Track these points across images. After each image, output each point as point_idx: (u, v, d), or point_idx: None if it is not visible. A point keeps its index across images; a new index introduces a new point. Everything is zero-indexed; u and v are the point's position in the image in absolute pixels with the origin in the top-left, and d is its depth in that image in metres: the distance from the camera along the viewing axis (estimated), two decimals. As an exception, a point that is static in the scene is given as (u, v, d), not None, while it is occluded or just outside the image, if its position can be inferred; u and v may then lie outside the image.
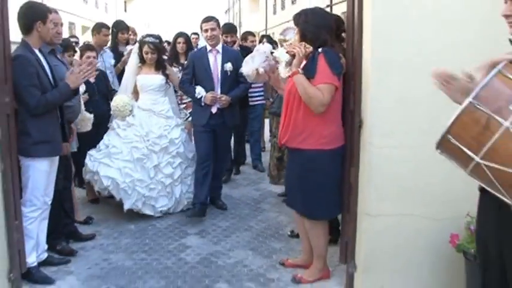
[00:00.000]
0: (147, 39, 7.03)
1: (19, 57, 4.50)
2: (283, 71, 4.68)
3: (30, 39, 4.66)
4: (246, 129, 9.23)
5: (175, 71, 7.76)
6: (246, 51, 7.84)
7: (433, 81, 2.82)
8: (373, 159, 4.30)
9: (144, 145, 6.65)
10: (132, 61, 7.23)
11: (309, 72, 4.39)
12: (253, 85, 8.13)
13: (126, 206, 6.47)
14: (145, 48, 6.95)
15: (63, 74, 4.92)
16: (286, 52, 4.63)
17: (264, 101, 9.01)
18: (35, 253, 4.85)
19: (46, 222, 5.01)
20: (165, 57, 7.48)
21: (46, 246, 5.12)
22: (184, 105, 7.94)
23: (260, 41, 9.47)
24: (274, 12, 43.27)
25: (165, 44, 13.97)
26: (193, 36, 11.53)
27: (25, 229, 4.65)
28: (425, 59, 4.00)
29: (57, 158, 4.94)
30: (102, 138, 6.77)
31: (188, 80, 6.84)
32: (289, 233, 6.03)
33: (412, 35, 4.13)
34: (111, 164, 6.50)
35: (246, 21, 52.80)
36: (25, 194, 4.71)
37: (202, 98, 6.61)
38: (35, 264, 4.85)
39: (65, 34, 15.09)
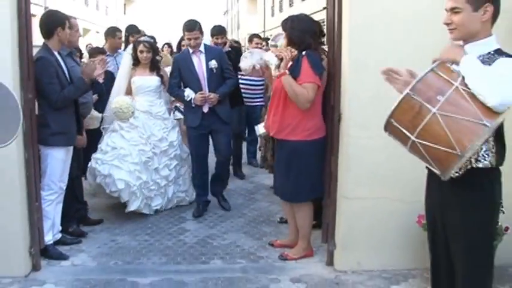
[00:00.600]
0: (142, 38, 7.14)
1: (41, 58, 5.13)
2: (273, 72, 5.28)
3: (51, 43, 5.29)
4: (243, 129, 9.50)
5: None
6: (236, 51, 8.39)
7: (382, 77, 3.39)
8: (351, 149, 4.92)
9: (149, 148, 6.75)
10: (125, 63, 7.21)
11: (294, 72, 5.01)
12: (254, 87, 8.73)
13: (132, 208, 6.53)
14: (141, 47, 6.96)
15: (78, 73, 5.52)
16: (275, 56, 5.22)
17: (263, 103, 9.29)
18: (51, 232, 5.43)
19: (61, 205, 5.59)
20: (158, 58, 7.41)
21: (60, 228, 5.70)
22: (174, 101, 7.99)
23: (249, 40, 9.78)
24: (272, 15, 43.71)
25: (166, 46, 14.45)
26: (183, 43, 11.77)
27: (43, 211, 5.24)
28: (396, 60, 4.51)
29: (71, 148, 5.54)
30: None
31: (176, 84, 6.89)
32: (278, 220, 6.63)
33: (384, 39, 4.75)
34: (122, 166, 6.52)
35: (244, 23, 53.24)
36: (43, 179, 5.31)
37: (192, 100, 6.66)
38: (51, 242, 5.44)
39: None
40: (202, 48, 6.83)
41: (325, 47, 5.43)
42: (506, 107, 2.73)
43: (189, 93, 6.68)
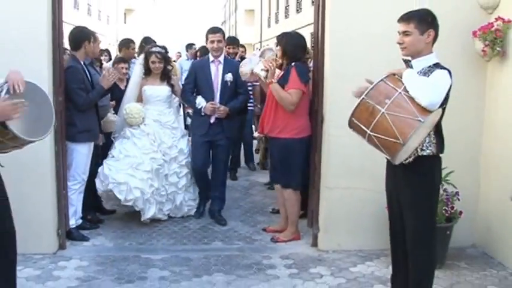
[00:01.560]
0: (154, 49, 7.10)
1: (71, 67, 6.05)
2: (262, 80, 6.19)
3: (78, 54, 6.22)
4: (242, 135, 9.85)
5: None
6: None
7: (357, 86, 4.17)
8: (331, 146, 5.81)
9: (159, 155, 6.80)
10: (136, 72, 7.27)
11: (284, 79, 5.95)
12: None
13: (148, 216, 6.69)
14: (153, 57, 6.99)
15: (98, 80, 6.42)
16: (261, 69, 6.11)
17: (253, 108, 9.62)
18: (74, 218, 6.28)
19: (82, 195, 6.44)
20: (169, 67, 7.42)
21: (81, 215, 6.56)
22: (187, 107, 8.19)
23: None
24: (269, 26, 44.40)
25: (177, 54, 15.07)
26: (177, 53, 12.14)
27: (68, 198, 6.11)
28: (370, 72, 5.42)
29: (93, 144, 6.41)
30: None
31: (190, 89, 7.04)
32: (271, 210, 7.53)
33: (360, 53, 5.64)
34: (135, 174, 6.61)
35: (241, 33, 53.97)
36: (69, 171, 6.18)
37: (203, 109, 6.79)
38: (74, 226, 6.29)
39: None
40: (222, 58, 6.98)
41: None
42: (435, 107, 3.64)
43: (200, 101, 6.81)
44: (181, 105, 9.06)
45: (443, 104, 3.86)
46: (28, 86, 3.93)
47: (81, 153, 6.21)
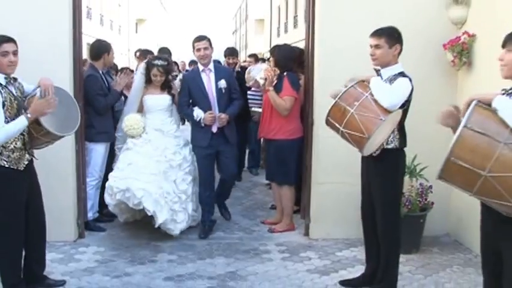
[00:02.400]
0: (156, 62, 6.98)
1: (90, 75, 6.86)
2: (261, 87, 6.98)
3: (97, 64, 7.03)
4: (246, 143, 10.54)
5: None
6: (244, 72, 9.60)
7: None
8: (320, 146, 6.53)
9: (164, 159, 6.74)
10: (137, 82, 7.21)
11: (278, 87, 6.69)
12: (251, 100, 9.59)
13: (160, 221, 6.52)
14: (155, 71, 6.91)
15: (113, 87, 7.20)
16: (260, 77, 6.95)
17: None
18: (91, 211, 7.03)
19: (99, 191, 7.18)
20: (171, 76, 7.39)
21: (97, 209, 7.30)
22: None
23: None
24: (278, 35, 44.92)
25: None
26: (181, 62, 12.45)
27: (87, 193, 6.87)
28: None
29: (109, 145, 7.18)
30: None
31: (186, 102, 6.90)
32: (270, 206, 8.24)
33: (346, 63, 6.30)
34: (139, 177, 6.48)
35: (251, 42, 54.65)
36: (88, 168, 6.95)
37: (201, 120, 6.70)
38: (91, 218, 7.04)
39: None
40: (211, 66, 6.88)
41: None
42: (395, 108, 4.39)
43: (198, 113, 6.72)
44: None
45: (405, 106, 4.60)
46: (56, 90, 4.76)
47: (99, 152, 6.97)
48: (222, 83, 6.78)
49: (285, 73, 6.76)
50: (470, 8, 6.35)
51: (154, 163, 6.66)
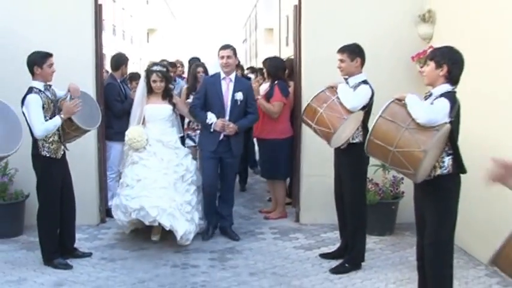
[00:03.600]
0: (155, 68, 7.02)
1: (110, 83, 8.01)
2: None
3: (116, 74, 8.18)
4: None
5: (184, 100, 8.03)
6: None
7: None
8: (308, 143, 7.57)
9: (171, 171, 6.78)
10: (139, 91, 7.21)
11: (270, 94, 7.81)
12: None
13: (180, 233, 6.55)
14: (154, 76, 6.92)
15: (129, 93, 8.30)
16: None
17: None
18: (111, 200, 8.02)
19: (117, 184, 8.22)
20: (171, 86, 7.47)
21: (115, 199, 8.37)
22: (186, 128, 8.39)
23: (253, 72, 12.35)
24: (287, 44, 45.61)
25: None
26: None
27: (107, 184, 7.96)
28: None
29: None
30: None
31: (199, 104, 6.99)
32: (267, 199, 9.27)
33: (327, 73, 7.18)
34: (151, 194, 6.48)
35: (261, 51, 55.44)
36: (107, 163, 8.05)
37: (213, 125, 6.81)
38: (111, 207, 8.07)
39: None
40: (233, 77, 7.02)
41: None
42: (356, 109, 5.48)
43: (211, 116, 6.81)
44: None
45: (366, 108, 5.68)
46: (82, 94, 6.05)
47: (117, 149, 8.06)
48: (239, 95, 6.94)
49: (275, 82, 7.86)
50: (435, 26, 7.41)
51: (163, 176, 6.68)
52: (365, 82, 5.76)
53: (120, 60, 8.37)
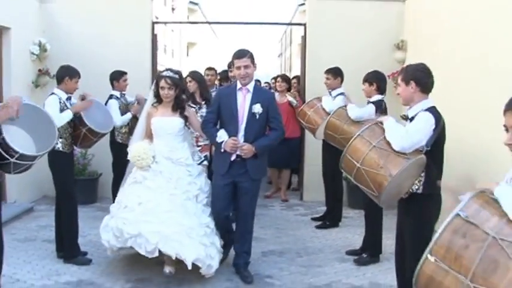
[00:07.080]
0: (165, 73, 6.13)
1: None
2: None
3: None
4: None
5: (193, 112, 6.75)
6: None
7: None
8: (310, 140, 9.90)
9: (180, 191, 5.91)
10: (149, 100, 6.50)
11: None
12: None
13: (190, 259, 5.58)
14: (162, 83, 6.03)
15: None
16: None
17: None
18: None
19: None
20: (184, 96, 6.36)
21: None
22: (200, 148, 7.35)
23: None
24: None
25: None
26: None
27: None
28: (332, 98, 9.66)
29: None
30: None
31: (212, 119, 6.02)
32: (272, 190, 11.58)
33: (323, 85, 9.71)
34: (152, 219, 5.64)
35: (294, 65, 56.99)
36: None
37: (223, 144, 5.82)
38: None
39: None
40: (251, 86, 5.93)
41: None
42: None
43: (222, 134, 5.86)
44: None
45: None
46: (95, 103, 6.91)
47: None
48: (257, 108, 5.84)
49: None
50: (407, 52, 9.83)
51: (168, 197, 5.83)
52: (342, 94, 8.14)
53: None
